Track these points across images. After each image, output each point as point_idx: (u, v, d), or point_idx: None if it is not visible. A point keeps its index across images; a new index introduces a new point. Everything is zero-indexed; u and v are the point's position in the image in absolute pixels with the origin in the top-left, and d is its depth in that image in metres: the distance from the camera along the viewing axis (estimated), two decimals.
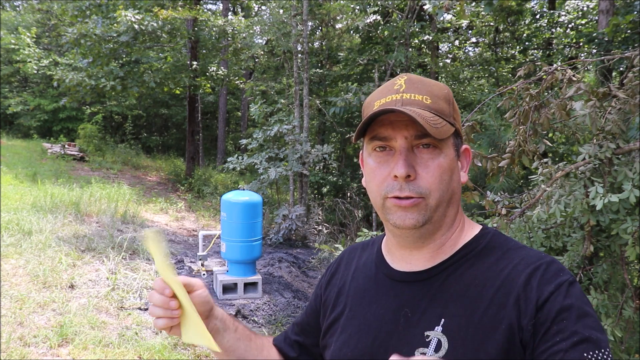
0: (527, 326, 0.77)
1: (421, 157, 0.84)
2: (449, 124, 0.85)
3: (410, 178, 0.83)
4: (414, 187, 0.83)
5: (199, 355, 4.09)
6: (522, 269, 0.82)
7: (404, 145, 0.83)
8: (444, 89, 0.89)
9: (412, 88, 0.86)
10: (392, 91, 0.88)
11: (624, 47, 5.31)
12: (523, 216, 2.34)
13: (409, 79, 0.89)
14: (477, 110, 2.76)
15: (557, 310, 0.76)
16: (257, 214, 5.60)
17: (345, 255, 1.08)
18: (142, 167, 15.82)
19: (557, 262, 0.83)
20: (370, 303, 0.93)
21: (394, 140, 0.84)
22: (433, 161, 0.84)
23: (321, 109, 10.59)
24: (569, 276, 0.80)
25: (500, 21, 11.60)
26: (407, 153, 0.83)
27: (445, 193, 0.85)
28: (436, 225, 0.87)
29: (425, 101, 0.85)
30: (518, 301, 0.79)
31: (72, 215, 7.83)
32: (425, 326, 0.83)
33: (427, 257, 0.89)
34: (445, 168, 0.84)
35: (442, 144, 0.85)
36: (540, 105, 2.21)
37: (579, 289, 0.80)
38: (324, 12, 10.69)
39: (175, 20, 11.41)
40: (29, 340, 3.92)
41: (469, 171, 0.95)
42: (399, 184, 0.83)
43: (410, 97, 0.85)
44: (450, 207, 0.88)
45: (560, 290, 0.78)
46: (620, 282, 2.17)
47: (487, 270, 0.84)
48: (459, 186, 0.90)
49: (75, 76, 11.48)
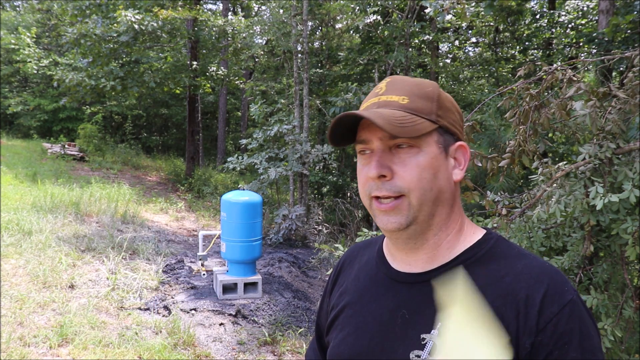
0: (524, 344, 0.77)
1: (399, 156, 0.85)
2: (429, 122, 0.85)
3: (386, 178, 0.84)
4: (390, 186, 0.84)
5: (199, 355, 4.09)
6: (524, 279, 0.81)
7: (380, 146, 0.85)
8: (428, 86, 0.89)
9: (392, 90, 0.88)
10: (373, 94, 0.90)
11: (624, 47, 5.31)
12: (523, 216, 2.34)
13: (391, 80, 0.90)
14: (477, 110, 2.76)
15: (559, 334, 0.76)
16: (257, 214, 5.60)
17: (348, 254, 1.09)
18: (142, 167, 15.82)
19: (561, 275, 0.82)
20: (369, 302, 0.93)
21: (371, 143, 0.86)
22: (411, 160, 0.84)
23: (321, 109, 10.59)
24: (572, 293, 0.79)
25: (500, 21, 11.60)
26: (381, 154, 0.85)
27: (427, 191, 0.84)
28: (424, 225, 0.86)
29: (401, 101, 0.86)
30: (518, 315, 0.78)
31: (72, 215, 7.83)
32: (422, 329, 0.83)
33: (425, 258, 0.89)
34: (425, 166, 0.84)
35: (421, 143, 0.84)
36: (540, 105, 2.21)
37: (581, 306, 0.79)
38: (324, 12, 10.70)
39: (175, 20, 11.41)
40: (29, 340, 3.92)
41: (469, 171, 0.94)
42: (376, 184, 0.85)
43: (387, 99, 0.87)
44: (439, 207, 0.86)
45: (563, 312, 0.77)
46: (620, 282, 2.17)
47: (488, 277, 0.83)
48: (448, 184, 0.88)
49: (75, 76, 11.48)
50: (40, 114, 19.20)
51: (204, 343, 4.31)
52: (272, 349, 4.40)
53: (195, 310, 4.94)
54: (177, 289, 5.54)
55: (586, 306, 0.81)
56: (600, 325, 1.96)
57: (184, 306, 4.99)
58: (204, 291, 5.52)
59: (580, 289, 2.15)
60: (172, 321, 4.53)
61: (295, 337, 4.58)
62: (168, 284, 5.66)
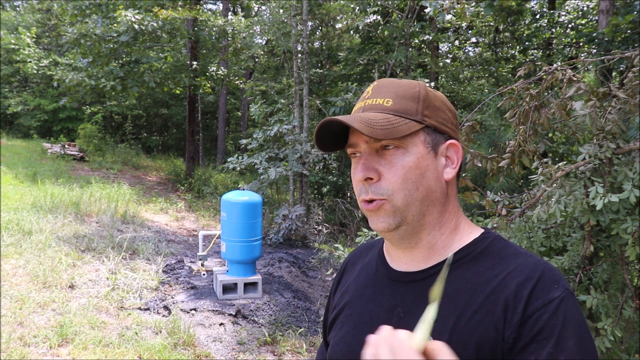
0: (508, 339, 0.76)
1: (385, 158, 0.86)
2: (414, 122, 0.85)
3: (373, 180, 0.85)
4: (375, 188, 0.85)
5: (199, 355, 4.09)
6: (516, 276, 0.80)
7: (366, 149, 0.87)
8: (414, 87, 0.89)
9: (377, 93, 0.90)
10: (361, 99, 0.92)
11: (624, 47, 5.31)
12: (523, 216, 2.34)
13: (377, 84, 0.92)
14: (477, 110, 2.76)
15: (539, 329, 0.74)
16: (257, 214, 5.60)
17: (352, 256, 1.11)
18: (142, 167, 15.82)
19: (554, 272, 0.80)
20: (368, 301, 0.94)
21: (359, 146, 0.88)
22: (397, 161, 0.85)
23: (321, 109, 10.59)
24: (563, 291, 0.77)
25: (500, 21, 11.60)
26: (367, 157, 0.86)
27: (413, 192, 0.85)
28: (415, 225, 0.86)
29: (385, 104, 0.87)
30: (506, 310, 0.77)
31: (72, 215, 7.83)
32: (415, 327, 0.83)
33: (421, 257, 0.89)
34: (411, 167, 0.84)
35: (407, 143, 0.85)
36: (540, 105, 2.21)
37: (571, 305, 0.77)
38: (324, 12, 10.69)
39: (175, 20, 11.41)
40: (29, 340, 3.92)
41: (469, 171, 0.94)
42: (364, 187, 0.87)
43: (372, 102, 0.89)
44: (429, 206, 0.87)
45: (548, 308, 0.75)
46: (620, 282, 2.17)
47: (481, 275, 0.83)
48: (438, 183, 0.87)
49: (75, 76, 11.48)
50: (40, 114, 19.21)
51: (204, 343, 4.31)
52: (272, 349, 4.40)
53: (195, 310, 4.94)
54: (177, 289, 5.54)
55: (578, 307, 0.79)
56: (600, 325, 1.96)
57: (184, 306, 4.99)
58: (204, 291, 5.52)
59: (580, 289, 2.15)
60: (172, 321, 4.53)
61: (295, 337, 4.57)
62: (168, 284, 5.66)
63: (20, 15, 21.34)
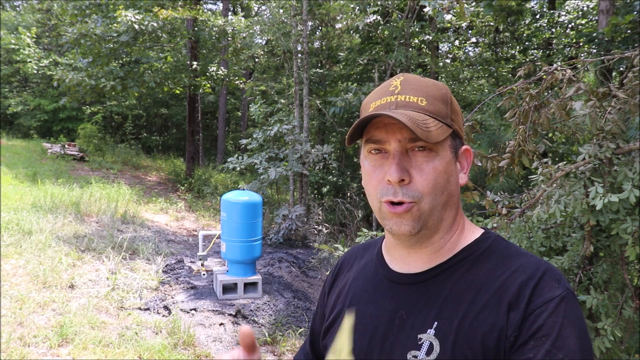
0: (510, 337, 0.76)
1: (416, 160, 0.83)
2: (446, 126, 0.84)
3: (404, 182, 0.82)
4: (407, 191, 0.82)
5: (199, 355, 4.09)
6: (519, 276, 0.80)
7: (398, 148, 0.82)
8: (442, 89, 0.87)
9: (408, 89, 0.85)
10: (387, 93, 0.86)
11: (624, 47, 5.31)
12: (523, 216, 2.34)
13: (405, 79, 0.87)
14: (477, 110, 2.76)
15: (539, 326, 0.75)
16: (257, 214, 5.60)
17: (346, 257, 1.08)
18: (142, 167, 15.82)
19: (555, 272, 0.81)
20: (368, 304, 0.93)
21: (388, 144, 0.83)
22: (428, 164, 0.82)
23: (321, 109, 10.59)
24: (563, 290, 0.78)
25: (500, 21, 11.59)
26: (400, 157, 0.82)
27: (439, 197, 0.83)
28: (432, 229, 0.86)
29: (420, 103, 0.83)
30: (509, 309, 0.77)
31: (72, 215, 7.83)
32: (419, 329, 0.83)
33: (425, 258, 0.88)
34: (441, 171, 0.83)
35: (438, 147, 0.83)
36: (540, 105, 2.20)
37: (572, 305, 0.77)
38: (324, 12, 10.69)
39: (175, 20, 11.42)
40: (29, 340, 3.92)
41: (469, 171, 0.94)
42: (393, 188, 0.82)
43: (405, 98, 0.84)
44: (447, 210, 0.86)
45: (548, 306, 0.76)
46: (620, 282, 2.17)
47: (484, 275, 0.83)
48: (457, 188, 0.88)
49: (75, 76, 11.47)
50: (40, 114, 19.20)
51: (204, 343, 4.31)
52: (272, 349, 4.40)
53: (195, 310, 4.94)
54: (177, 289, 5.54)
55: (579, 307, 0.79)
56: (600, 325, 1.96)
57: (184, 306, 4.99)
58: (204, 291, 5.52)
59: (580, 289, 2.15)
60: (172, 321, 4.53)
61: (295, 337, 4.57)
62: (168, 284, 5.66)
63: (20, 15, 21.33)
